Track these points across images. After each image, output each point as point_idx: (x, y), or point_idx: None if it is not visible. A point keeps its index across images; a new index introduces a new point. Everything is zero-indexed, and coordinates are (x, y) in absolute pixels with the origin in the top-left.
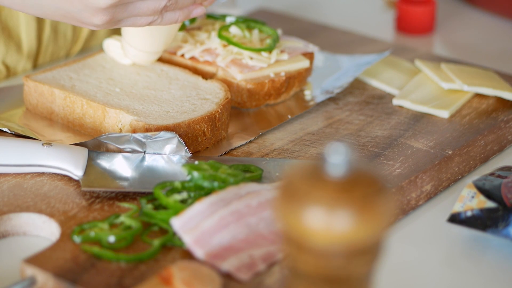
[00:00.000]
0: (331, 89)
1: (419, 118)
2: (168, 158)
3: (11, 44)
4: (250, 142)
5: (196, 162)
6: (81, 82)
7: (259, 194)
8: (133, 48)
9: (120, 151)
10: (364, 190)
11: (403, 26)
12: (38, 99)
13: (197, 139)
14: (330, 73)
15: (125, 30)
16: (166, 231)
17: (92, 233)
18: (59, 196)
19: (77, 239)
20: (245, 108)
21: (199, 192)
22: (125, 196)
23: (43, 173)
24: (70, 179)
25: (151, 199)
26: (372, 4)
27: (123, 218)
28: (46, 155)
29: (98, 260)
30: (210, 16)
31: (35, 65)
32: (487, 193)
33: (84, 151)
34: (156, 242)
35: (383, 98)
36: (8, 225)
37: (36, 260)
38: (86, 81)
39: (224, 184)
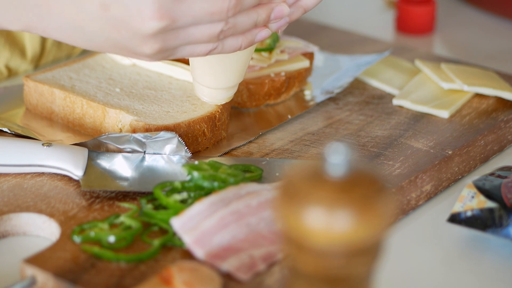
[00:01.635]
0: (331, 89)
1: (419, 118)
2: (168, 158)
3: (15, 50)
4: (250, 142)
5: (196, 162)
6: (81, 82)
7: (259, 194)
8: (206, 87)
9: (120, 151)
10: (364, 190)
11: (403, 26)
12: (38, 99)
13: (197, 139)
14: (330, 73)
15: (193, 69)
16: (166, 231)
17: (92, 233)
18: (59, 196)
19: (77, 239)
20: (245, 108)
21: (199, 192)
22: (125, 196)
23: (43, 173)
24: (70, 179)
25: (151, 199)
26: (372, 4)
27: (123, 218)
28: (46, 155)
29: (98, 260)
30: None
31: (36, 67)
32: (487, 193)
33: (84, 151)
34: (156, 242)
35: (383, 98)
36: (8, 225)
37: (36, 260)
38: (86, 81)
39: (224, 184)
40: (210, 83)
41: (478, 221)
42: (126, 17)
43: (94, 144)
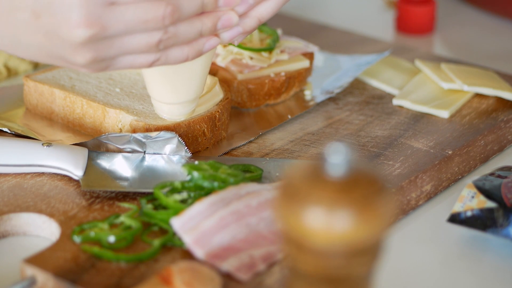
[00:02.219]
0: (331, 89)
1: (419, 118)
2: (168, 158)
3: None
4: (250, 142)
5: (196, 162)
6: (81, 82)
7: (259, 194)
8: (165, 104)
9: (120, 151)
10: (364, 190)
11: (403, 26)
12: (38, 99)
13: (197, 139)
14: (330, 73)
15: (148, 86)
16: (166, 231)
17: (92, 233)
18: (59, 196)
19: (77, 239)
20: (245, 108)
21: (199, 192)
22: (125, 196)
23: (43, 173)
24: (70, 179)
25: (151, 199)
26: (372, 4)
27: (123, 218)
28: (46, 155)
29: (98, 260)
30: None
31: (36, 67)
32: (487, 193)
33: (84, 151)
34: (156, 242)
35: (383, 98)
36: (8, 225)
37: (36, 260)
38: (86, 81)
39: (224, 184)
40: (167, 99)
41: (478, 221)
42: (56, 25)
43: (94, 144)
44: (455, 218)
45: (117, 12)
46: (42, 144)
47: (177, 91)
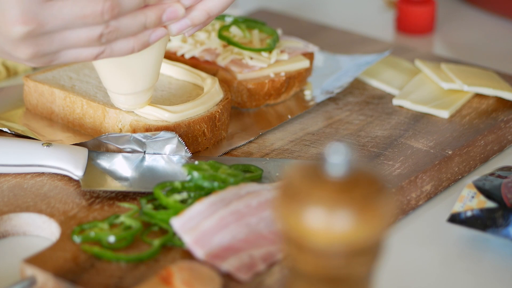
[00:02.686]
0: (331, 89)
1: (419, 118)
2: (168, 158)
3: None
4: (250, 142)
5: (196, 162)
6: (81, 82)
7: (259, 194)
8: (121, 95)
9: (120, 151)
10: (364, 190)
11: (403, 26)
12: (38, 99)
13: (197, 139)
14: (330, 73)
15: (103, 79)
16: (166, 231)
17: (92, 233)
18: (59, 196)
19: (77, 239)
20: (245, 108)
21: (199, 192)
22: (125, 196)
23: (43, 173)
24: (70, 179)
25: (151, 199)
26: (372, 4)
27: (123, 218)
28: (46, 155)
29: (98, 260)
30: None
31: (36, 67)
32: (487, 193)
33: (84, 151)
34: (156, 242)
35: (383, 98)
36: (8, 225)
37: (36, 260)
38: (86, 81)
39: (224, 184)
40: (121, 90)
41: (478, 221)
42: None
43: (94, 144)
44: (455, 218)
45: (54, 9)
46: (42, 144)
47: (130, 82)
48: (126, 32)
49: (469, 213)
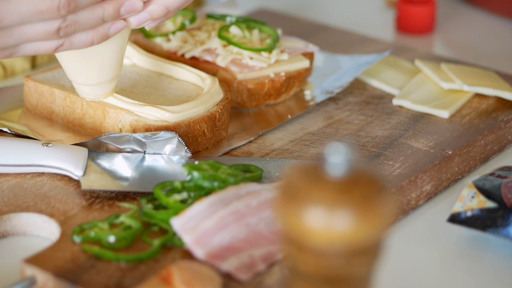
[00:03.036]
0: (331, 89)
1: (419, 118)
2: (168, 158)
3: None
4: (250, 142)
5: (196, 162)
6: None
7: (259, 194)
8: (86, 86)
9: (120, 151)
10: (364, 190)
11: (403, 26)
12: (38, 99)
13: (197, 139)
14: (330, 73)
15: (67, 71)
16: (166, 231)
17: (92, 233)
18: (59, 196)
19: (77, 239)
20: (245, 108)
21: (199, 192)
22: (125, 196)
23: (43, 173)
24: (70, 179)
25: (151, 199)
26: (372, 4)
27: (123, 218)
28: (46, 155)
29: (98, 260)
30: (210, 16)
31: (34, 65)
32: (487, 193)
33: (84, 151)
34: (156, 242)
35: (383, 98)
36: (8, 225)
37: (36, 260)
38: None
39: (224, 184)
40: (85, 81)
41: (478, 221)
42: None
43: (94, 144)
44: (455, 218)
45: (11, 5)
46: (42, 144)
47: (94, 73)
48: (84, 26)
49: (469, 213)
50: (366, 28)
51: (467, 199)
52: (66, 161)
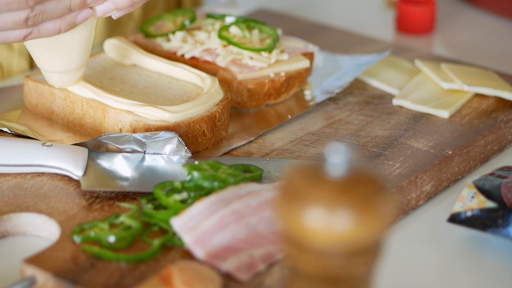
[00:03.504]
0: (331, 89)
1: (419, 118)
2: (168, 158)
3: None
4: (250, 142)
5: (196, 162)
6: None
7: (259, 194)
8: (54, 73)
9: (120, 151)
10: (364, 190)
11: (403, 26)
12: (38, 99)
13: (197, 139)
14: (330, 73)
15: (36, 60)
16: (166, 231)
17: (92, 233)
18: (59, 196)
19: (77, 239)
20: (245, 108)
21: (199, 192)
22: (125, 196)
23: (43, 173)
24: (70, 179)
25: (151, 199)
26: (372, 4)
27: (123, 218)
28: (46, 155)
29: (98, 260)
30: (210, 16)
31: (32, 65)
32: (487, 193)
33: (84, 151)
34: (156, 242)
35: (383, 98)
36: (8, 225)
37: (36, 260)
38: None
39: (224, 184)
40: (55, 68)
41: (478, 221)
42: None
43: (94, 144)
44: (455, 218)
45: None
46: (42, 144)
47: (62, 60)
48: (52, 15)
49: (469, 213)
50: (366, 28)
51: (467, 199)
52: (66, 161)
